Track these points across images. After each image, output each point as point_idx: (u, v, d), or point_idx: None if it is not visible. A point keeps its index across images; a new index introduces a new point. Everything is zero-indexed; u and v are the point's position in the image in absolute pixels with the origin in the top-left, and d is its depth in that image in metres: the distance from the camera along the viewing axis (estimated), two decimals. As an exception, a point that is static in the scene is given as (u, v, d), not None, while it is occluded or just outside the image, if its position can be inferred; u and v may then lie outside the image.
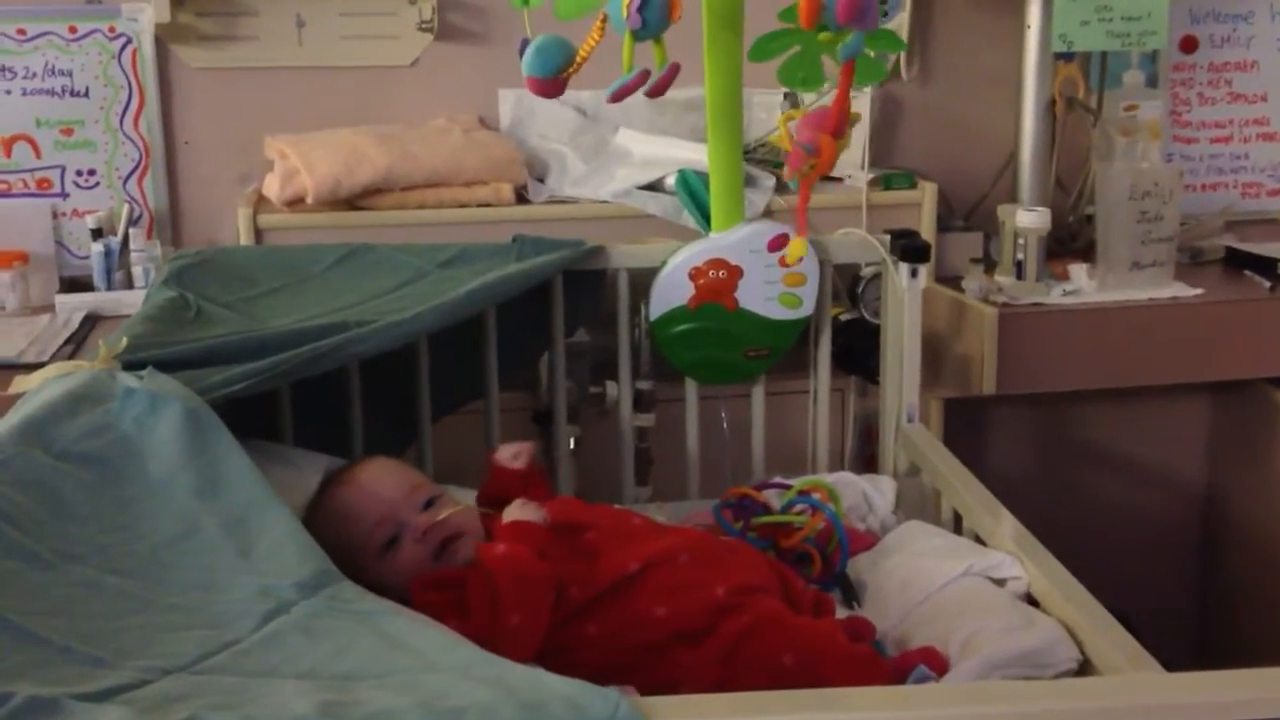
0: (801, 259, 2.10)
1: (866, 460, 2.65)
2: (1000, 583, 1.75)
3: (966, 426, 2.71)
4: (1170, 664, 1.43)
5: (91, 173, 2.81)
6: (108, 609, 1.19)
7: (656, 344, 2.25)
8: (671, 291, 2.19)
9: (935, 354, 2.51)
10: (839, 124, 1.82)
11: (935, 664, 1.55)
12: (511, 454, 1.82)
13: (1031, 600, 1.73)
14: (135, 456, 1.40)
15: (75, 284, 2.76)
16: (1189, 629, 3.05)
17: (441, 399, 2.23)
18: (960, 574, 1.74)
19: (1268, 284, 2.71)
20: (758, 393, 2.32)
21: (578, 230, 2.33)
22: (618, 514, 1.68)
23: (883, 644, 1.70)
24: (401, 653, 1.16)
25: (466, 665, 1.13)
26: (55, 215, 2.81)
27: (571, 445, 2.50)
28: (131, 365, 1.63)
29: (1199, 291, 2.66)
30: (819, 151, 1.81)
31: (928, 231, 2.65)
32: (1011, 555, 1.76)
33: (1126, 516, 2.98)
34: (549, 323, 2.22)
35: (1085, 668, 1.57)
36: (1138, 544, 2.96)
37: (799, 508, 1.91)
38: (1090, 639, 1.57)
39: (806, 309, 2.22)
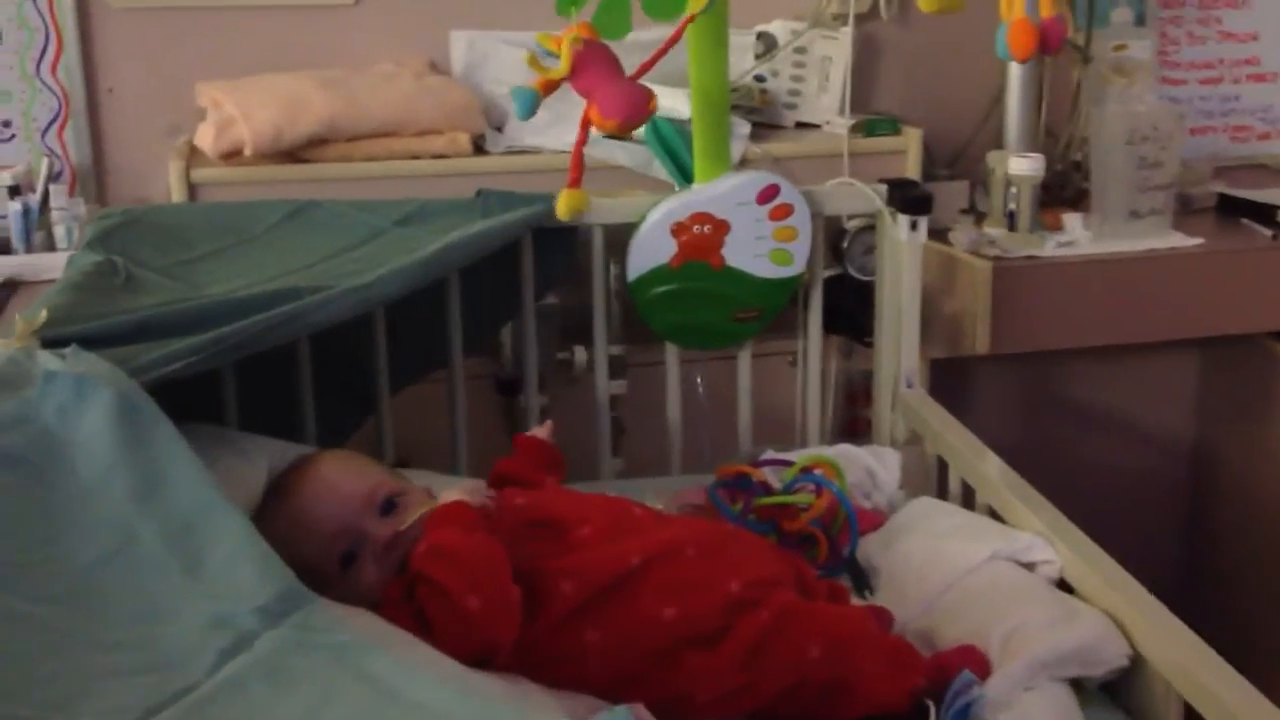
0: (579, 213, 1.91)
1: (848, 426, 2.52)
2: (1029, 567, 1.60)
3: (952, 388, 2.56)
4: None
5: (6, 124, 2.59)
6: (31, 648, 0.98)
7: (635, 307, 2.08)
8: (651, 249, 2.01)
9: (923, 311, 2.35)
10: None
11: (977, 665, 1.40)
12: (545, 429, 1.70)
13: (1063, 586, 1.58)
14: (60, 454, 1.19)
15: (-2, 248, 2.53)
16: (1178, 585, 2.93)
17: (401, 369, 2.05)
18: (986, 558, 1.59)
19: (1269, 232, 2.58)
20: (743, 357, 2.15)
21: (541, 183, 2.13)
22: (615, 504, 1.50)
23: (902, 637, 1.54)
24: (393, 707, 0.97)
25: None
26: (-33, 172, 2.56)
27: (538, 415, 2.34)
28: (53, 343, 1.42)
29: (1199, 241, 2.52)
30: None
31: (915, 180, 2.47)
32: (1040, 536, 1.61)
33: (1115, 476, 2.85)
34: (516, 285, 2.03)
35: (1136, 663, 1.43)
36: (1127, 503, 2.82)
37: (802, 486, 1.74)
38: (1141, 631, 1.43)
39: (798, 266, 2.06)
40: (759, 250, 2.02)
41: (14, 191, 2.47)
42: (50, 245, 2.45)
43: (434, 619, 1.28)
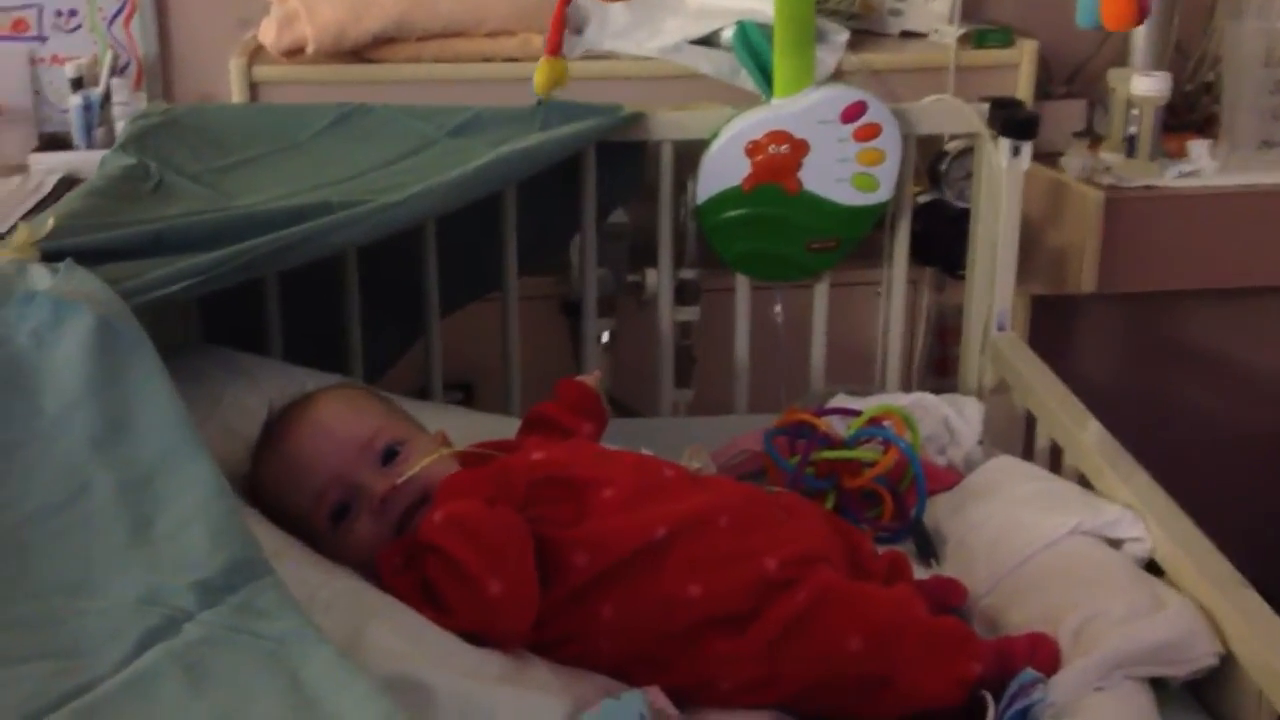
0: (552, 89, 1.74)
1: (937, 365, 2.39)
2: (1116, 544, 1.44)
3: (1055, 330, 2.38)
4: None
5: (73, 13, 2.49)
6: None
7: (703, 232, 1.92)
8: (723, 170, 1.86)
9: (1024, 243, 2.18)
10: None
11: (1045, 657, 1.25)
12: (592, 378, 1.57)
13: (1152, 567, 1.41)
14: (26, 383, 1.07)
15: (55, 141, 2.47)
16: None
17: (454, 289, 1.94)
18: (1067, 532, 1.43)
19: None
20: (820, 289, 2.00)
21: (617, 92, 2.02)
22: (644, 464, 1.35)
23: (967, 618, 1.39)
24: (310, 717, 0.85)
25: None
26: (32, 61, 2.49)
27: (605, 340, 2.24)
28: (54, 256, 1.32)
29: (1338, 175, 2.30)
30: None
31: (1025, 99, 2.30)
32: (1130, 510, 1.44)
33: (1228, 439, 2.63)
34: (579, 202, 1.89)
35: (1226, 663, 1.27)
36: (1238, 472, 2.61)
37: (868, 439, 1.59)
38: (1234, 628, 1.28)
39: (884, 193, 1.89)
40: (840, 174, 1.86)
41: (77, 84, 2.40)
42: (111, 141, 2.36)
43: (450, 600, 1.16)
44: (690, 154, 1.92)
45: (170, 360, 1.16)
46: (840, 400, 1.81)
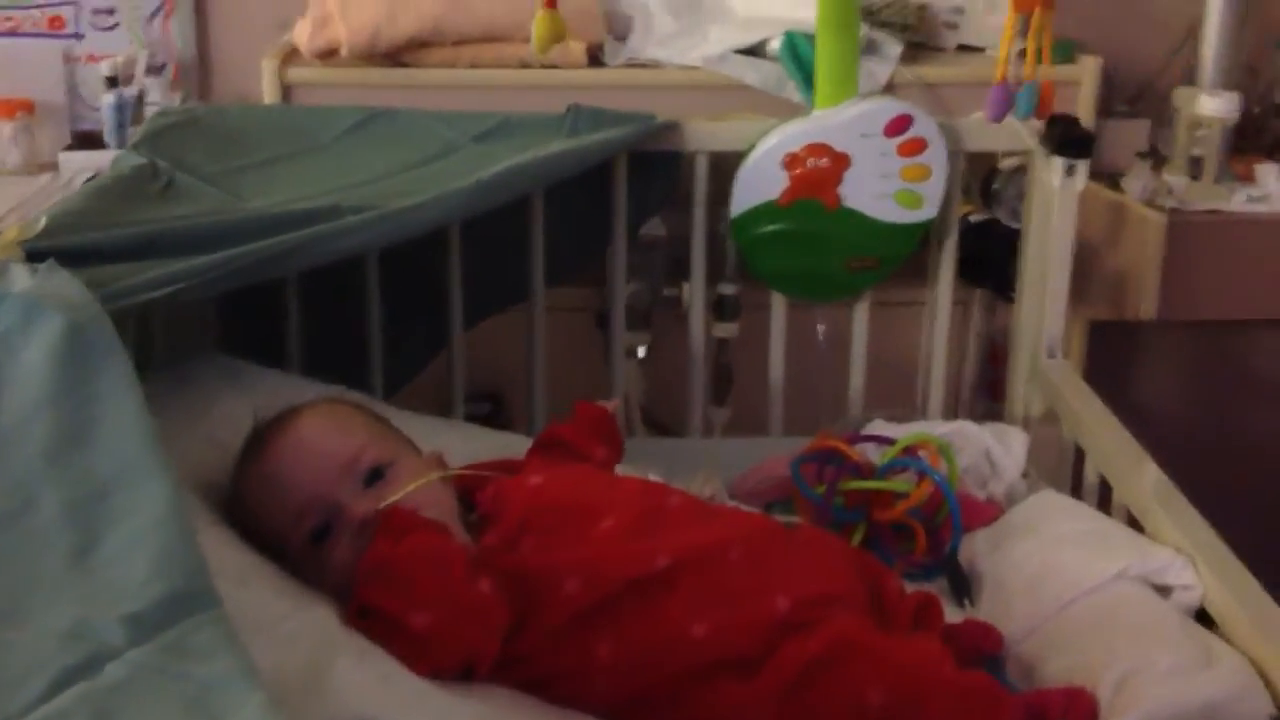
0: (551, 45, 1.65)
1: (987, 389, 2.29)
2: (1164, 591, 1.33)
3: (1113, 357, 2.27)
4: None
5: (110, 11, 2.46)
6: None
7: (738, 247, 1.84)
8: (759, 183, 1.78)
9: (1083, 266, 2.10)
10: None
11: (1082, 711, 1.15)
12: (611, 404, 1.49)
13: (1202, 616, 1.31)
14: (-11, 391, 1.02)
15: (88, 139, 2.43)
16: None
17: (480, 299, 1.87)
18: (1112, 576, 1.33)
19: None
20: (860, 309, 1.92)
21: (659, 101, 1.94)
22: (649, 491, 1.26)
23: (1001, 665, 1.29)
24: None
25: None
26: (67, 59, 2.47)
27: (641, 354, 2.18)
28: (40, 256, 1.26)
29: None
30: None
31: (1087, 117, 2.21)
32: (1181, 555, 1.34)
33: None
34: (610, 213, 1.82)
35: (1279, 725, 1.16)
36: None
37: (901, 470, 1.49)
38: (1289, 688, 1.16)
39: (929, 210, 1.80)
40: (883, 190, 1.77)
41: (111, 83, 2.36)
42: (144, 142, 2.33)
43: (391, 650, 1.07)
44: (730, 165, 1.84)
45: (167, 369, 1.10)
46: (876, 426, 1.72)
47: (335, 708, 0.93)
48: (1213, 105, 2.17)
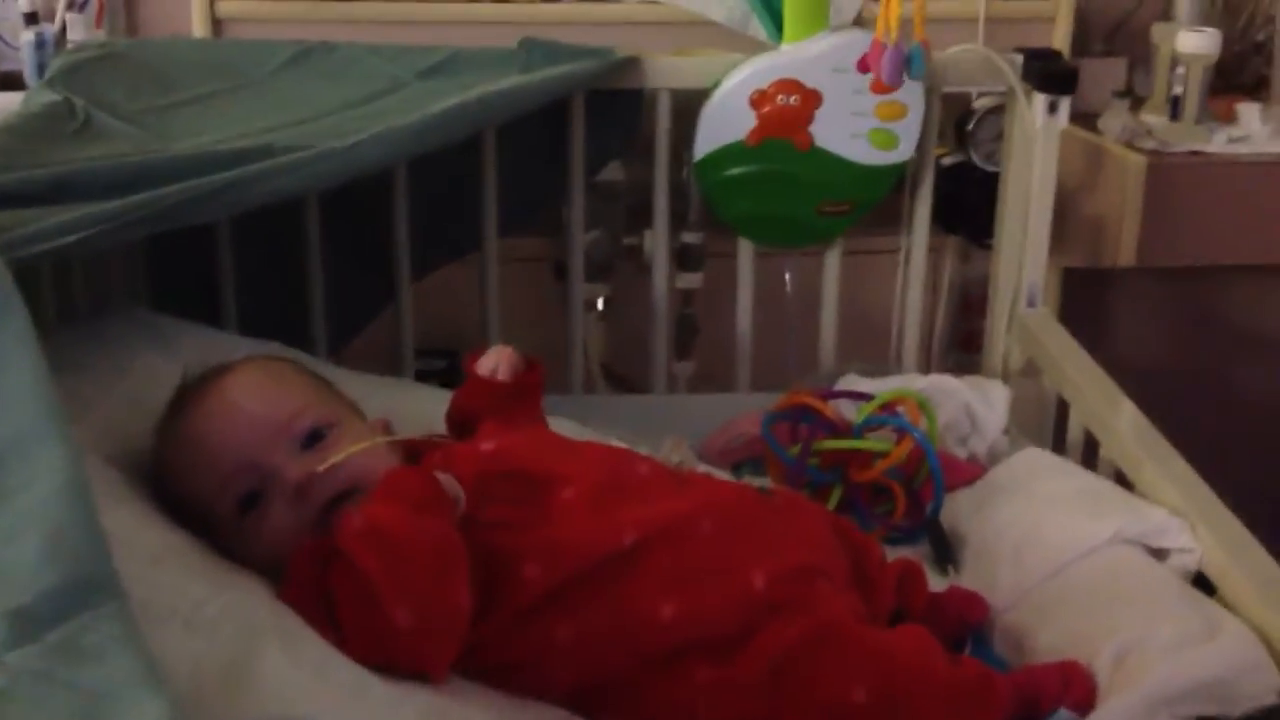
0: None
1: (962, 340, 2.22)
2: (1160, 554, 1.26)
3: (1088, 304, 2.21)
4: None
5: (32, -57, 2.31)
6: None
7: (703, 190, 1.76)
8: (725, 122, 1.71)
9: (1059, 211, 2.05)
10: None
11: (1079, 691, 1.09)
12: (490, 365, 1.31)
13: (1200, 580, 1.23)
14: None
15: (8, 80, 2.29)
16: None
17: (429, 248, 1.80)
18: (1106, 540, 1.25)
19: None
20: (831, 256, 1.85)
21: (617, 37, 1.86)
22: (614, 458, 1.17)
23: (987, 636, 1.21)
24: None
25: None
26: (-16, -6, 2.32)
27: (600, 306, 2.10)
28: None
29: (1401, 143, 2.15)
30: None
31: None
32: (1177, 516, 1.26)
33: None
34: (567, 157, 1.73)
35: (1288, 699, 1.09)
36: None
37: (879, 428, 1.41)
38: (1300, 661, 1.09)
39: (904, 151, 1.73)
40: (856, 129, 1.70)
41: (30, 19, 2.23)
42: (67, 81, 2.21)
43: (345, 622, 0.97)
44: (694, 105, 1.77)
45: (81, 323, 0.99)
46: (850, 381, 1.65)
47: (262, 707, 0.83)
48: (1193, 42, 2.10)
